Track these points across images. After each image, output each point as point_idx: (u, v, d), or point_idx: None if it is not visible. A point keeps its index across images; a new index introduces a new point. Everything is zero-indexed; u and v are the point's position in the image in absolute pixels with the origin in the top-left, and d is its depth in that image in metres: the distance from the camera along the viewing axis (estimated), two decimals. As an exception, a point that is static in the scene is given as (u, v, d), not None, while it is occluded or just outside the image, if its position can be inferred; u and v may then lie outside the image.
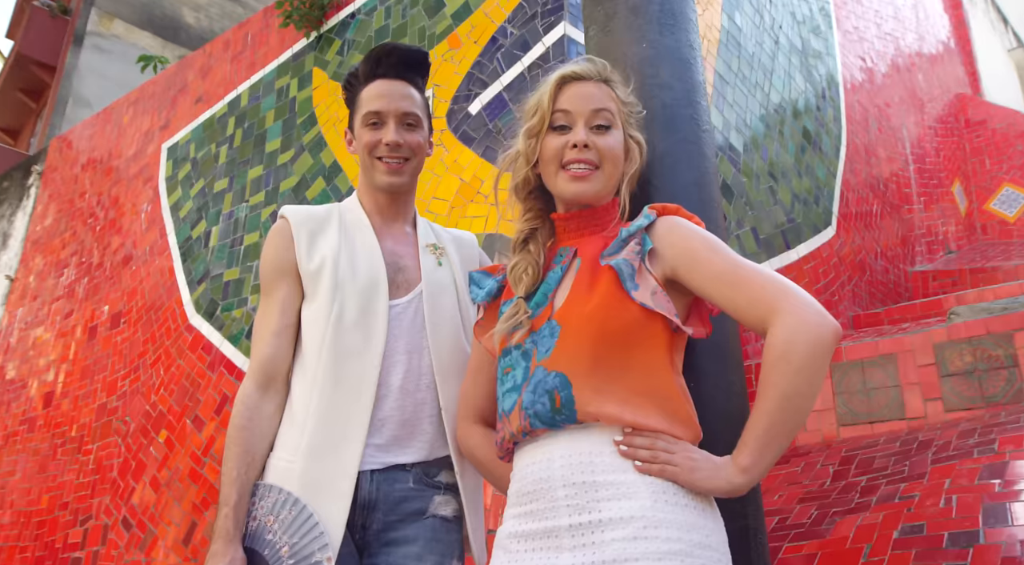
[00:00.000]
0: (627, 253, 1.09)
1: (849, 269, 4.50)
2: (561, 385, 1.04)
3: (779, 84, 4.44)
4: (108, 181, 5.33)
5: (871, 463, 2.42)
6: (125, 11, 12.19)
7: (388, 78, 1.42)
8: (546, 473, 1.03)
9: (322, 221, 1.42)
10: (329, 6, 4.23)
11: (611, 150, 1.15)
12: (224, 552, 1.19)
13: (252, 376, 1.33)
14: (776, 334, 0.99)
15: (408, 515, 1.29)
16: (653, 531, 0.94)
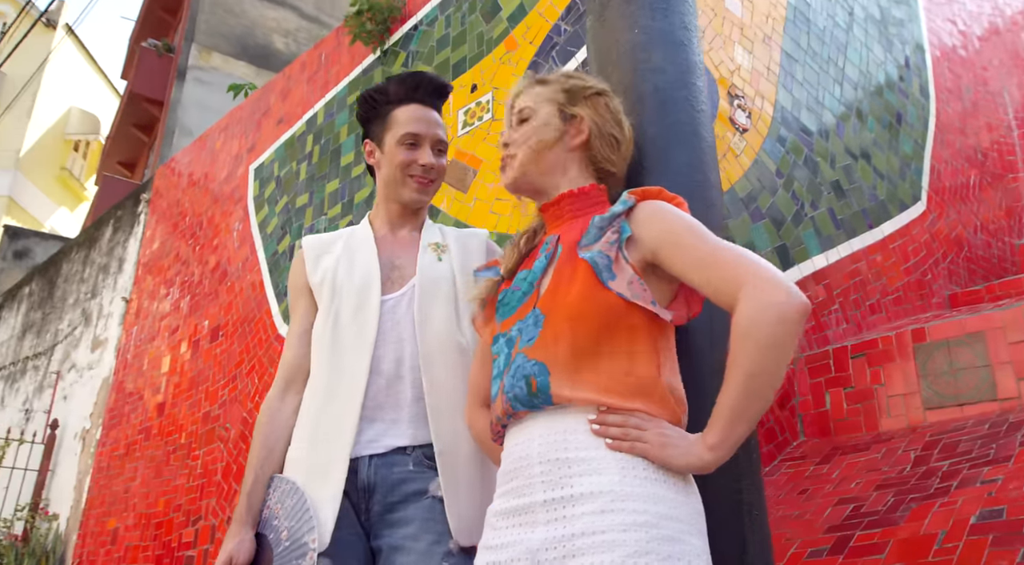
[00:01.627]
0: (603, 244, 1.11)
1: (944, 245, 4.24)
2: (539, 372, 1.07)
3: (855, 57, 4.24)
4: (205, 203, 5.68)
5: (955, 447, 2.29)
6: (222, 44, 12.93)
7: (424, 105, 1.55)
8: (525, 451, 1.07)
9: (329, 244, 1.58)
10: (393, 20, 4.36)
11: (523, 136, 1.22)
12: (236, 533, 1.33)
13: (276, 381, 1.49)
14: (741, 312, 0.99)
15: (408, 496, 1.35)
16: (620, 504, 0.96)
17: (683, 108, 1.18)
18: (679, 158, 1.16)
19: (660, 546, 0.93)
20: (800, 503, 2.41)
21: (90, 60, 24.01)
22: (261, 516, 1.36)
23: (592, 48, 1.30)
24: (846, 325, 3.46)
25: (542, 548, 0.98)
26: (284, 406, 1.45)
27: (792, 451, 2.93)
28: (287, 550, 1.28)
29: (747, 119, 3.44)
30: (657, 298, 1.10)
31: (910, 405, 2.74)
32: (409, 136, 1.52)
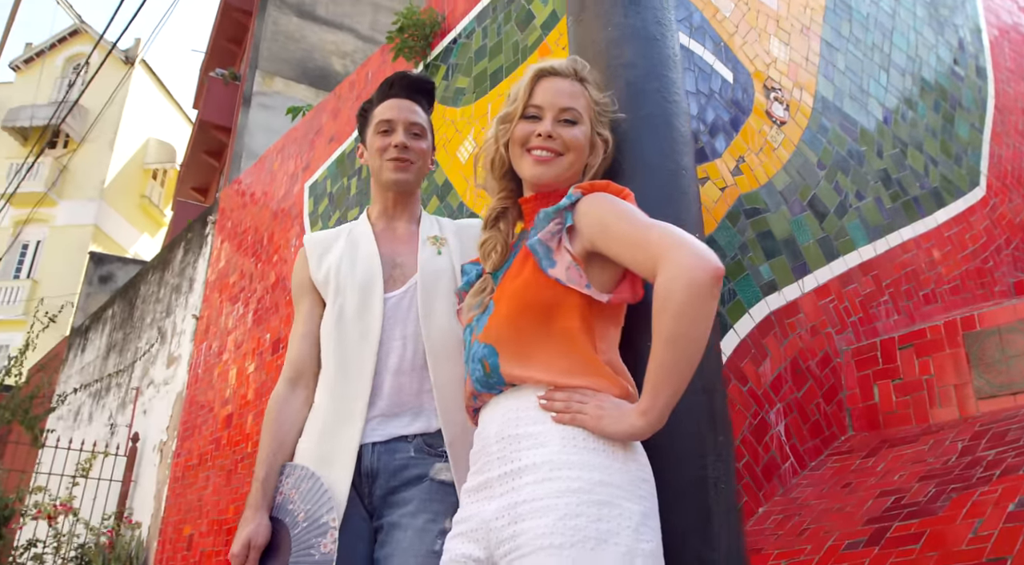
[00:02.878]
0: (544, 234, 1.17)
1: (1007, 231, 4.07)
2: (489, 354, 1.15)
3: (902, 42, 4.13)
4: (265, 221, 5.92)
5: (1004, 436, 2.21)
6: (283, 69, 13.43)
7: (398, 97, 1.63)
8: (486, 431, 1.15)
9: (331, 241, 1.65)
10: (434, 35, 4.48)
11: (575, 141, 1.23)
12: (252, 518, 1.41)
13: (283, 374, 1.56)
14: (658, 282, 1.03)
15: (409, 480, 1.43)
16: (558, 472, 1.02)
17: (655, 100, 1.21)
18: (652, 148, 1.20)
19: (591, 509, 0.98)
20: (843, 497, 2.37)
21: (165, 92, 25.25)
22: (275, 502, 1.44)
23: (572, 47, 1.34)
24: (897, 316, 3.36)
25: (494, 517, 1.05)
26: (293, 399, 1.52)
27: (840, 446, 2.87)
28: (304, 530, 1.36)
29: (785, 111, 3.40)
30: (602, 283, 1.15)
31: (961, 395, 2.65)
32: (383, 123, 1.60)
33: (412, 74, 1.67)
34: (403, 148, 1.58)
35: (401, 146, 1.58)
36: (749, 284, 2.89)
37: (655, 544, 1.01)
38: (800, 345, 2.96)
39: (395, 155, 1.58)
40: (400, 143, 1.58)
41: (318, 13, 14.02)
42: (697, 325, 1.02)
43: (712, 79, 3.19)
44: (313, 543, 1.34)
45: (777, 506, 2.54)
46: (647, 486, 1.06)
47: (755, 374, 2.76)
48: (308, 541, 1.35)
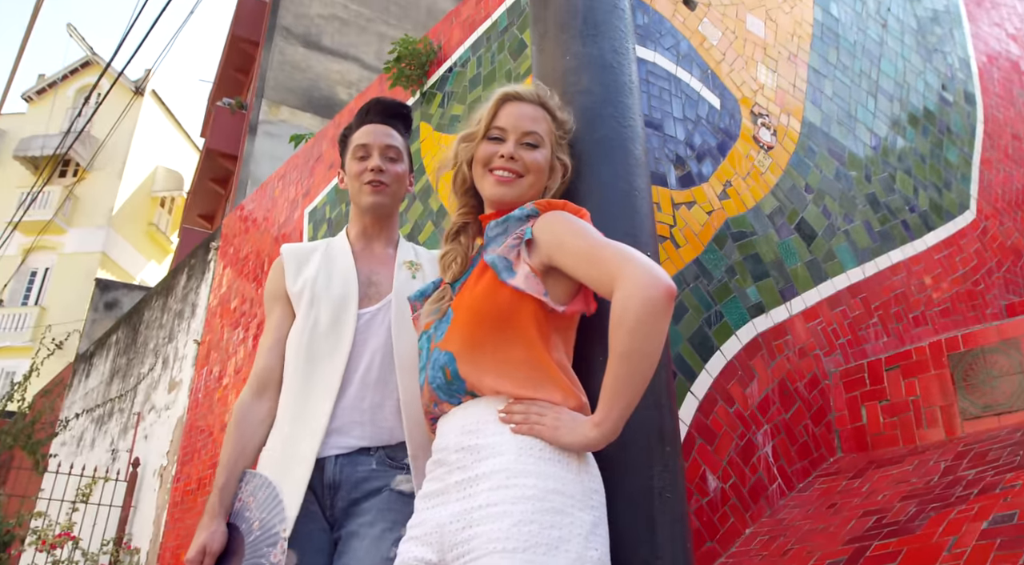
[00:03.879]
0: (504, 248, 1.22)
1: (998, 254, 4.09)
2: (449, 361, 1.19)
3: (890, 69, 4.20)
4: (266, 247, 6.00)
5: (985, 456, 2.22)
6: (289, 98, 13.63)
7: (374, 122, 1.67)
8: (445, 442, 1.18)
9: (309, 253, 1.68)
10: (430, 64, 4.57)
11: (536, 163, 1.29)
12: (208, 524, 1.43)
13: (249, 383, 1.58)
14: (615, 299, 1.07)
15: (370, 492, 1.45)
16: (514, 480, 1.05)
17: (610, 125, 1.26)
18: (606, 170, 1.24)
19: (544, 517, 1.01)
20: (827, 517, 2.38)
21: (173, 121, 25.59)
22: (234, 508, 1.46)
23: (535, 74, 1.40)
24: (887, 338, 3.38)
25: (447, 521, 1.09)
26: (257, 408, 1.54)
27: (828, 467, 2.88)
28: (258, 539, 1.38)
29: (772, 137, 3.45)
30: (558, 295, 1.19)
31: (947, 416, 2.66)
32: (359, 148, 1.65)
33: (387, 100, 1.71)
34: (378, 171, 1.62)
35: (377, 169, 1.62)
36: (736, 306, 2.92)
37: (603, 552, 1.04)
38: (788, 367, 2.98)
39: (371, 178, 1.62)
40: (376, 167, 1.62)
41: (324, 43, 14.26)
42: (651, 341, 1.06)
43: (699, 105, 3.25)
44: (264, 552, 1.36)
45: (764, 527, 2.55)
46: (598, 496, 1.09)
47: (742, 395, 2.78)
48: (260, 550, 1.38)
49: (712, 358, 2.77)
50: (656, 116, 3.04)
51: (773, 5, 3.82)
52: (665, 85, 3.16)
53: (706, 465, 2.57)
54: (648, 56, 3.21)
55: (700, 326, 2.78)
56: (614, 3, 1.35)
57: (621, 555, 1.05)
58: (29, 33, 7.74)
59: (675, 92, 3.20)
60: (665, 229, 2.83)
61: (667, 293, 1.06)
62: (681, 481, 1.14)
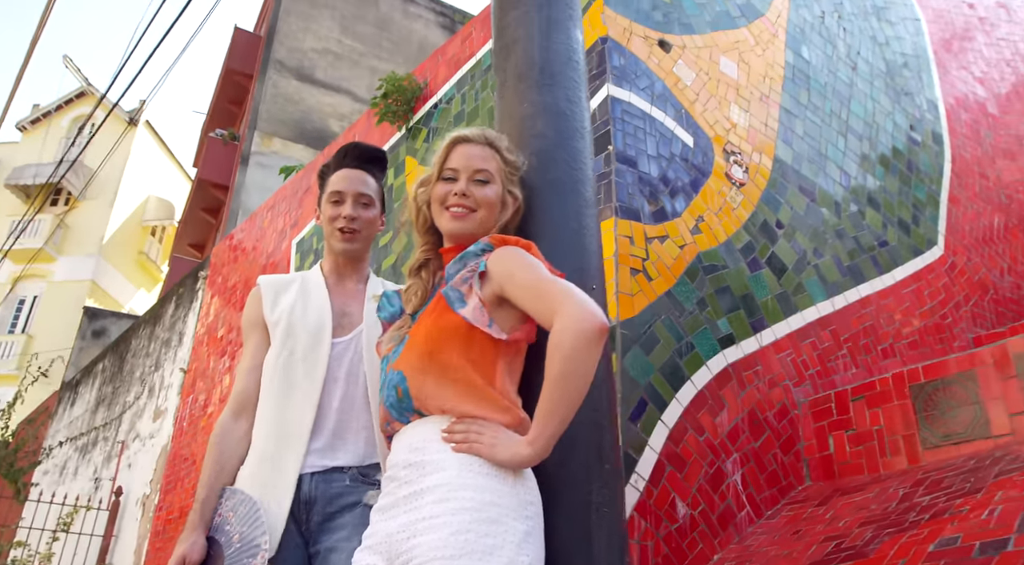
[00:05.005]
0: (457, 280, 1.34)
1: (965, 289, 4.21)
2: (400, 380, 1.30)
3: (859, 110, 4.36)
4: (254, 276, 6.07)
5: (940, 483, 2.30)
6: (282, 130, 13.80)
7: (351, 168, 1.79)
8: (395, 458, 1.28)
9: (287, 285, 1.79)
10: (415, 100, 4.71)
11: (487, 198, 1.41)
12: (188, 537, 1.51)
13: (228, 405, 1.67)
14: (553, 331, 1.18)
15: (344, 507, 1.54)
16: (455, 493, 1.15)
17: (562, 167, 1.37)
18: (557, 210, 1.35)
19: (480, 526, 1.11)
20: (791, 543, 2.45)
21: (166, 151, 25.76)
22: (213, 523, 1.54)
23: (496, 119, 1.51)
24: (855, 370, 3.47)
25: (395, 532, 1.18)
26: (236, 428, 1.63)
27: (796, 495, 2.95)
28: (238, 551, 1.45)
29: (744, 174, 3.58)
30: (507, 324, 1.30)
31: (909, 445, 2.75)
32: (333, 194, 1.76)
33: (365, 145, 1.84)
34: (351, 219, 1.74)
35: (349, 218, 1.73)
36: (707, 337, 3.01)
37: (534, 558, 1.13)
38: (758, 396, 3.06)
39: (343, 225, 1.74)
40: (348, 215, 1.73)
41: (317, 76, 14.49)
42: (582, 367, 1.16)
43: (673, 143, 3.38)
44: (245, 563, 1.43)
45: (731, 553, 2.61)
46: (533, 508, 1.18)
47: (712, 424, 2.86)
48: (240, 561, 1.44)
49: (683, 388, 2.85)
50: (631, 153, 3.16)
51: (746, 48, 3.98)
52: (640, 124, 3.29)
53: (675, 492, 2.64)
54: (624, 96, 3.34)
55: (671, 356, 2.86)
56: (569, 56, 1.47)
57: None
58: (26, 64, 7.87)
59: (650, 130, 3.33)
60: (638, 262, 2.93)
61: (599, 327, 1.16)
62: (619, 497, 1.22)
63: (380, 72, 14.87)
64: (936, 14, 5.27)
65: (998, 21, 5.82)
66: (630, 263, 2.90)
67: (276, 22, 14.29)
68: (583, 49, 1.54)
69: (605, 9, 3.44)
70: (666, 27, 3.65)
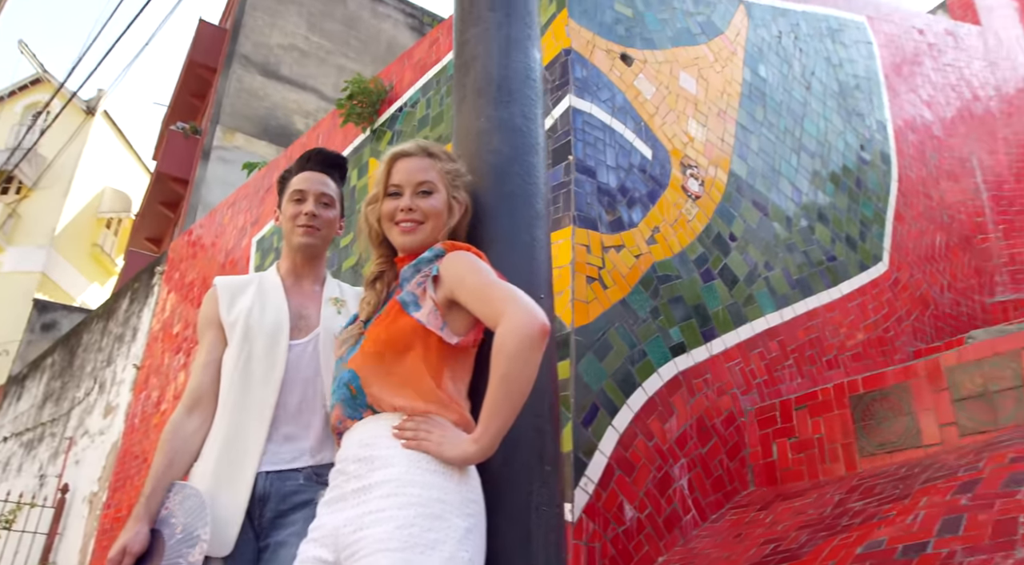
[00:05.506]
0: (412, 284, 1.39)
1: (908, 304, 4.39)
2: (352, 378, 1.35)
3: (812, 128, 4.51)
4: (212, 273, 6.01)
5: (872, 490, 2.41)
6: (245, 125, 13.64)
7: (313, 170, 1.84)
8: (345, 453, 1.33)
9: (243, 286, 1.81)
10: (380, 103, 4.74)
11: (433, 209, 1.46)
12: (132, 527, 1.53)
13: (182, 400, 1.70)
14: (497, 333, 1.25)
15: (298, 505, 1.58)
16: (402, 489, 1.20)
17: (516, 181, 1.43)
18: (509, 222, 1.41)
19: (425, 521, 1.16)
20: (733, 545, 2.54)
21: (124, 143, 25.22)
22: (159, 516, 1.56)
23: (454, 133, 1.57)
24: (801, 380, 3.59)
25: (342, 525, 1.23)
26: (188, 424, 1.65)
27: (740, 500, 3.05)
28: (179, 541, 1.48)
29: (700, 187, 3.69)
30: (458, 326, 1.36)
31: (848, 453, 2.86)
32: (296, 192, 1.81)
33: (327, 151, 1.88)
34: (312, 216, 1.78)
35: (310, 215, 1.77)
36: (659, 346, 3.10)
37: (474, 554, 1.19)
38: (706, 404, 3.16)
39: (304, 222, 1.77)
40: (310, 212, 1.78)
41: (282, 73, 14.35)
42: (525, 368, 1.22)
43: (632, 155, 3.46)
44: (183, 552, 1.46)
45: (676, 556, 2.69)
46: (475, 506, 1.24)
47: (661, 430, 2.94)
48: (179, 550, 1.47)
49: (634, 394, 2.93)
50: (590, 164, 3.23)
51: (705, 64, 4.09)
52: (600, 135, 3.37)
53: (624, 495, 2.72)
54: (585, 107, 3.42)
55: (624, 363, 2.94)
56: (527, 74, 1.53)
57: (499, 561, 1.20)
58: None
59: (609, 142, 3.41)
60: (594, 271, 3.00)
61: (541, 330, 1.22)
62: (556, 497, 1.28)
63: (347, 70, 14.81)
64: (888, 38, 5.47)
65: (945, 47, 6.06)
66: (586, 271, 2.97)
67: (242, 16, 14.14)
68: (540, 68, 1.60)
69: (569, 22, 3.52)
70: (628, 41, 3.75)
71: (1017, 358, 2.48)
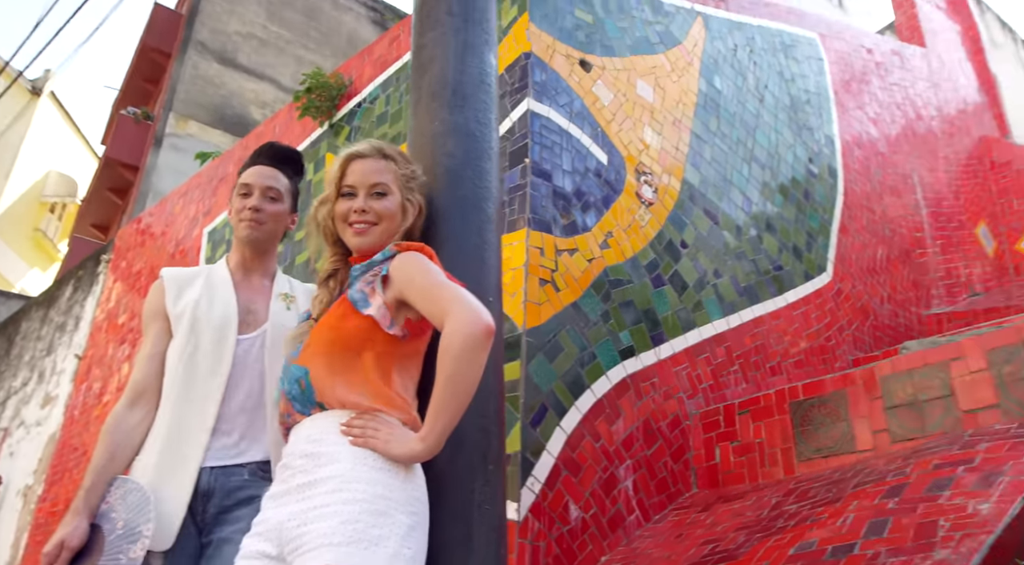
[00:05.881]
0: (362, 282, 1.41)
1: (849, 314, 4.54)
2: (303, 374, 1.36)
3: (764, 140, 4.63)
4: (161, 263, 5.89)
5: (807, 493, 2.50)
6: (199, 113, 13.36)
7: (263, 164, 1.83)
8: (292, 448, 1.34)
9: (191, 278, 1.80)
10: (339, 97, 4.71)
11: (386, 211, 1.48)
12: (70, 522, 1.51)
13: (125, 393, 1.68)
14: (443, 333, 1.27)
15: (242, 501, 1.58)
16: (347, 485, 1.22)
17: (468, 186, 1.46)
18: (461, 225, 1.44)
19: (369, 517, 1.18)
20: (674, 546, 2.60)
21: (72, 126, 24.45)
22: (100, 510, 1.53)
23: (409, 134, 1.58)
24: (745, 385, 3.69)
25: (287, 519, 1.24)
26: (130, 417, 1.63)
27: (683, 501, 3.12)
28: (119, 537, 1.46)
29: (653, 194, 3.76)
30: (404, 327, 1.37)
31: (786, 457, 2.96)
32: (242, 186, 1.80)
33: (279, 145, 1.88)
34: (255, 211, 1.77)
35: (254, 208, 1.77)
36: (609, 348, 3.16)
37: (417, 550, 1.21)
38: (653, 407, 3.23)
39: (248, 216, 1.77)
40: (254, 205, 1.77)
41: (239, 61, 14.10)
42: (470, 368, 1.24)
43: (588, 160, 3.52)
44: (123, 548, 1.45)
45: (618, 555, 2.75)
46: (419, 504, 1.26)
47: (608, 432, 3.00)
48: (119, 546, 1.46)
49: (583, 396, 2.98)
50: (547, 167, 3.27)
51: (662, 73, 4.17)
52: (557, 139, 3.41)
53: (570, 496, 2.76)
54: (543, 111, 3.46)
55: (573, 365, 2.99)
56: (482, 79, 1.56)
57: (441, 556, 1.23)
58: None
59: (566, 146, 3.45)
60: (547, 273, 3.04)
61: (486, 330, 1.25)
62: (499, 496, 1.31)
63: (306, 62, 14.62)
64: (838, 55, 5.65)
65: (892, 67, 6.27)
66: (539, 273, 3.01)
67: (199, 1, 13.85)
68: (495, 73, 1.63)
69: (530, 25, 3.55)
70: (588, 47, 3.80)
71: (946, 369, 2.60)
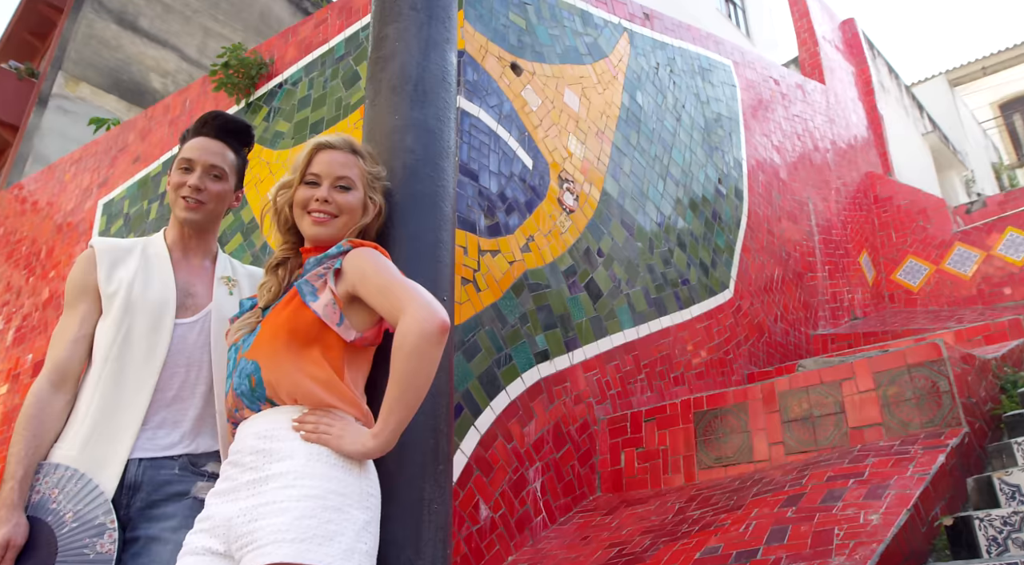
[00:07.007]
0: (312, 275, 1.38)
1: (746, 330, 4.77)
2: (254, 370, 1.32)
3: (679, 157, 4.80)
4: (45, 234, 5.49)
5: (709, 500, 2.62)
6: (92, 75, 12.52)
7: (208, 137, 1.69)
8: (240, 445, 1.30)
9: (125, 252, 1.65)
10: (259, 76, 4.54)
11: (348, 204, 1.45)
12: (9, 518, 1.37)
13: (46, 374, 1.52)
14: (397, 329, 1.26)
15: (171, 496, 1.48)
16: (299, 481, 1.19)
17: (426, 183, 1.45)
18: (417, 222, 1.43)
19: (323, 513, 1.16)
20: (580, 547, 2.66)
21: (-58, 75, 22.37)
22: (30, 501, 1.41)
23: (365, 128, 1.55)
24: (650, 393, 3.83)
25: (235, 516, 1.20)
26: (55, 401, 1.50)
27: (588, 504, 3.20)
28: (73, 531, 1.36)
29: (575, 201, 3.83)
30: (358, 322, 1.35)
31: (688, 465, 3.08)
32: (183, 161, 1.67)
33: (227, 115, 1.73)
34: (196, 190, 1.64)
35: (194, 188, 1.64)
36: (524, 351, 3.19)
37: (371, 546, 1.20)
38: (564, 411, 3.29)
39: (187, 194, 1.64)
40: (194, 185, 1.64)
41: (140, 25, 13.33)
42: (424, 365, 1.23)
43: (514, 163, 3.54)
44: (87, 543, 1.36)
45: (525, 555, 2.78)
46: (373, 500, 1.25)
47: (520, 433, 3.03)
48: (80, 541, 1.36)
49: (497, 397, 3.00)
50: (474, 167, 3.28)
51: (589, 85, 4.26)
52: (485, 140, 3.42)
53: (480, 495, 2.78)
54: (473, 110, 3.46)
55: (490, 366, 3.01)
56: (443, 76, 1.55)
57: (390, 553, 1.22)
58: None
59: (494, 148, 3.47)
60: (469, 273, 3.05)
61: (441, 327, 1.24)
62: (448, 495, 1.31)
63: (214, 34, 14.00)
64: (748, 83, 5.93)
65: (795, 99, 6.65)
66: (462, 273, 3.01)
67: (100, -43, 12.98)
68: (455, 72, 1.62)
69: (465, 24, 3.55)
70: (520, 51, 3.83)
71: (838, 388, 2.78)
